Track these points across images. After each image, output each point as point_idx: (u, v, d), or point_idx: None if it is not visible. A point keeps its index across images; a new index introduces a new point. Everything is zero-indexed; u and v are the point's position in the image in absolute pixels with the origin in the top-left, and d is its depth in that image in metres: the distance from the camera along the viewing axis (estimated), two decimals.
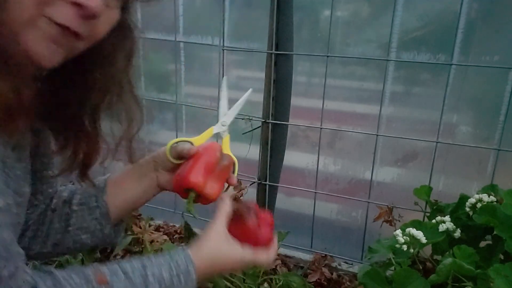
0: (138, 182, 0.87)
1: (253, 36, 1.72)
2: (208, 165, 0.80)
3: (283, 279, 1.39)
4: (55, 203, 0.87)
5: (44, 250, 0.85)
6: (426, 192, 1.30)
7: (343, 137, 1.72)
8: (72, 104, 0.72)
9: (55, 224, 0.85)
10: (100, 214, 0.85)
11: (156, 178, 0.87)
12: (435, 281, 0.98)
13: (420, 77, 1.59)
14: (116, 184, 0.88)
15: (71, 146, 0.75)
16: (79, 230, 0.85)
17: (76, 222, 0.85)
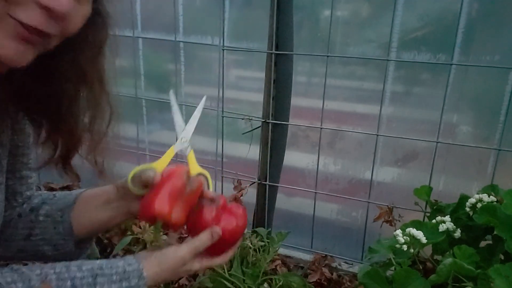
0: (105, 207, 0.86)
1: (253, 36, 1.72)
2: (173, 191, 0.77)
3: (283, 279, 1.39)
4: (23, 208, 0.86)
5: (8, 254, 0.85)
6: (426, 192, 1.30)
7: (343, 137, 1.72)
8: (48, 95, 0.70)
9: (19, 229, 0.84)
10: (63, 230, 0.84)
11: (125, 205, 0.85)
12: (435, 281, 0.98)
13: (420, 77, 1.59)
14: (85, 203, 0.86)
15: (51, 138, 0.74)
16: (42, 241, 0.84)
17: (39, 233, 0.84)
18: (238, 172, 1.75)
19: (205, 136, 1.96)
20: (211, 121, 1.91)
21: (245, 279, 1.39)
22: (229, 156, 1.84)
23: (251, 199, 1.73)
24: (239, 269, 1.42)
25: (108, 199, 0.85)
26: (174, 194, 0.77)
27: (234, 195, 1.67)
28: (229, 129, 1.76)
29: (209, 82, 1.90)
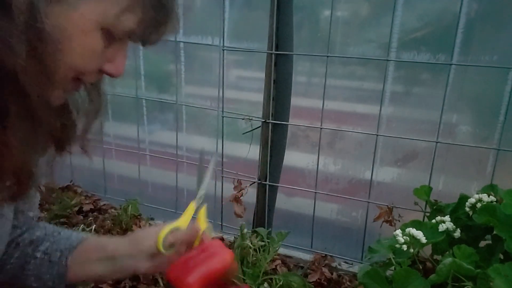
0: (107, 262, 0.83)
1: (253, 36, 1.72)
2: (211, 275, 0.76)
3: (283, 279, 1.39)
4: (23, 238, 0.85)
5: (1, 280, 0.84)
6: (426, 192, 1.30)
7: (343, 137, 1.72)
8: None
9: (13, 258, 0.83)
10: (57, 272, 0.83)
11: (132, 265, 0.83)
12: (435, 281, 0.98)
13: (420, 77, 1.59)
14: (88, 252, 0.84)
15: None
16: (32, 276, 0.83)
17: (32, 268, 0.83)
18: (238, 172, 1.75)
19: (205, 136, 1.97)
20: (211, 121, 1.92)
21: (245, 278, 1.40)
22: (229, 156, 1.84)
23: (251, 199, 1.74)
24: (239, 268, 1.42)
25: (114, 254, 0.83)
26: (210, 277, 0.76)
27: (234, 195, 1.67)
28: (229, 129, 1.77)
29: (209, 82, 1.90)
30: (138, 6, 0.59)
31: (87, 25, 0.56)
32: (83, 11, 0.55)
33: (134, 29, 0.60)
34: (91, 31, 0.57)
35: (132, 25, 0.59)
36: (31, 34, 0.51)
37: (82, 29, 0.56)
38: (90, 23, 0.56)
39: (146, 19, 0.60)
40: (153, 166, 2.08)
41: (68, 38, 0.55)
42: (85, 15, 0.55)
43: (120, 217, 1.76)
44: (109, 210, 1.97)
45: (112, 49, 0.61)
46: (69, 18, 0.54)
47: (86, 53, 0.58)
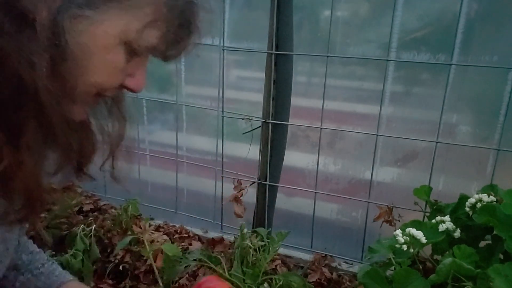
0: None
1: (253, 36, 1.72)
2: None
3: (283, 279, 1.39)
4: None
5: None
6: (426, 192, 1.31)
7: (343, 137, 1.72)
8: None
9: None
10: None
11: None
12: (435, 281, 0.98)
13: (420, 77, 1.59)
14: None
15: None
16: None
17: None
18: (238, 172, 1.75)
19: (205, 136, 1.97)
20: (211, 121, 1.92)
21: (245, 278, 1.40)
22: (229, 156, 1.84)
23: (251, 199, 1.74)
24: (239, 268, 1.42)
25: None
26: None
27: (234, 195, 1.67)
28: (229, 129, 1.77)
29: (209, 82, 1.90)
30: (162, 21, 0.58)
31: (109, 40, 0.55)
32: (106, 26, 0.54)
33: (156, 44, 0.59)
34: (114, 47, 0.56)
35: (155, 40, 0.59)
36: (54, 52, 0.51)
37: (104, 45, 0.55)
38: (113, 39, 0.56)
39: (169, 34, 0.60)
40: (153, 166, 2.08)
41: (90, 55, 0.54)
42: (108, 30, 0.55)
43: (120, 217, 1.76)
44: (109, 210, 1.97)
45: (133, 63, 0.61)
46: (92, 34, 0.53)
47: (108, 69, 0.58)
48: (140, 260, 1.65)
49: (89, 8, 0.52)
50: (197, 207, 1.97)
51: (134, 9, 0.56)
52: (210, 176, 1.87)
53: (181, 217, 1.97)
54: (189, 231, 1.88)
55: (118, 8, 0.54)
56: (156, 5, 0.57)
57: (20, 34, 0.50)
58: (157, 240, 1.61)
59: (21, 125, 0.54)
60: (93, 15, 0.53)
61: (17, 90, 0.52)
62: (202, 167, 1.91)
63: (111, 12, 0.54)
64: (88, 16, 0.52)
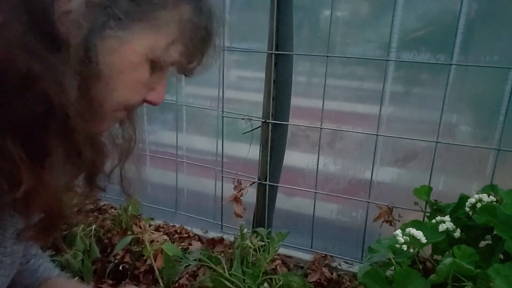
0: None
1: (253, 36, 1.72)
2: None
3: (283, 279, 1.39)
4: None
5: None
6: (426, 192, 1.31)
7: (343, 137, 1.72)
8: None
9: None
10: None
11: None
12: (435, 281, 0.98)
13: (420, 77, 1.59)
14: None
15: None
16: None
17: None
18: (238, 172, 1.75)
19: (205, 136, 1.97)
20: (211, 121, 1.92)
21: (245, 278, 1.40)
22: (229, 156, 1.84)
23: (251, 199, 1.74)
24: (239, 268, 1.42)
25: None
26: None
27: (234, 195, 1.67)
28: (229, 129, 1.77)
29: (209, 82, 1.90)
30: (186, 37, 0.60)
31: (137, 58, 0.56)
32: (135, 45, 0.55)
33: (179, 59, 0.61)
34: (140, 64, 0.57)
35: (178, 55, 0.60)
36: (84, 73, 0.52)
37: (132, 63, 0.56)
38: (140, 57, 0.57)
39: (191, 48, 0.61)
40: (153, 166, 2.08)
41: (118, 73, 0.55)
42: (136, 49, 0.56)
43: (120, 217, 1.76)
44: (109, 210, 1.97)
45: (155, 77, 0.62)
46: (121, 53, 0.55)
47: (134, 86, 0.59)
48: (140, 260, 1.65)
49: (119, 29, 0.53)
50: (197, 207, 1.97)
51: (161, 27, 0.57)
52: (210, 176, 1.87)
53: (181, 217, 1.97)
54: (189, 231, 1.88)
55: (146, 27, 0.56)
56: (182, 22, 0.59)
57: (52, 57, 0.50)
58: (157, 240, 1.61)
59: (47, 145, 0.54)
60: (123, 35, 0.54)
61: (46, 112, 0.52)
62: (202, 167, 1.91)
63: (140, 31, 0.55)
64: (118, 36, 0.53)
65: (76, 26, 0.50)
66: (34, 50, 0.49)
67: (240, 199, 1.66)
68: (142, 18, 0.55)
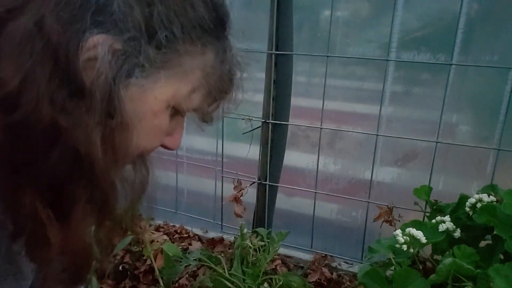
0: None
1: (253, 36, 1.72)
2: None
3: (283, 279, 1.39)
4: None
5: None
6: (426, 192, 1.30)
7: (343, 137, 1.72)
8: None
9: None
10: None
11: None
12: (435, 281, 0.98)
13: (420, 77, 1.59)
14: None
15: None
16: None
17: None
18: (238, 172, 1.75)
19: (206, 136, 1.96)
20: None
21: (245, 278, 1.40)
22: (229, 156, 1.84)
23: (251, 199, 1.73)
24: (239, 268, 1.42)
25: None
26: None
27: (234, 195, 1.67)
28: (229, 129, 1.76)
29: None
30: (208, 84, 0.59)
31: (159, 106, 0.56)
32: (157, 93, 0.54)
33: (199, 105, 0.60)
34: (161, 111, 0.57)
35: (199, 102, 0.60)
36: (108, 122, 0.51)
37: (153, 110, 0.55)
38: (162, 104, 0.56)
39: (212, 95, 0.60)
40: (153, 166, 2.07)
41: (140, 121, 0.54)
42: (158, 96, 0.55)
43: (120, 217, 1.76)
44: None
45: (174, 123, 0.61)
46: (143, 101, 0.54)
47: (153, 132, 0.58)
48: (140, 260, 1.65)
49: (143, 77, 0.52)
50: (197, 207, 1.97)
51: (184, 74, 0.56)
52: (210, 176, 1.86)
53: (181, 217, 1.96)
54: (189, 231, 1.88)
55: (169, 74, 0.55)
56: (204, 69, 0.58)
57: (77, 107, 0.49)
58: (157, 240, 1.61)
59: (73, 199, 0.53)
60: (146, 83, 0.53)
61: (72, 166, 0.51)
62: (202, 167, 1.91)
63: (162, 78, 0.54)
64: (141, 85, 0.53)
65: (100, 75, 0.49)
66: (59, 101, 0.48)
67: (240, 199, 1.66)
68: (166, 66, 0.54)
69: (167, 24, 0.52)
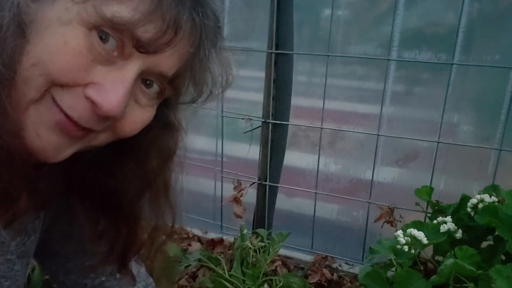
0: None
1: (253, 35, 1.71)
2: None
3: (283, 280, 1.39)
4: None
5: None
6: (427, 192, 1.30)
7: (344, 137, 1.71)
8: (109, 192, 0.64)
9: None
10: None
11: None
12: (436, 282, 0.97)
13: (421, 77, 1.58)
14: None
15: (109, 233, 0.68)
16: None
17: None
18: (238, 172, 1.75)
19: (205, 136, 1.96)
20: (211, 121, 1.91)
21: (245, 279, 1.39)
22: (229, 156, 1.83)
23: (251, 199, 1.73)
24: (239, 269, 1.41)
25: None
26: None
27: (234, 195, 1.66)
28: (229, 129, 1.76)
29: None
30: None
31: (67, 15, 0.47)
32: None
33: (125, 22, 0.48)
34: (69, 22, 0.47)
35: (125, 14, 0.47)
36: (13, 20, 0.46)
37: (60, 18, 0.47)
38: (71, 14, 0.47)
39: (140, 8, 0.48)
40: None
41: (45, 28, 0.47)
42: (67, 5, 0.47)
43: None
44: None
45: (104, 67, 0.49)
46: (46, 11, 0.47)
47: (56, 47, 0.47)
48: None
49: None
50: (197, 208, 1.96)
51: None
52: (209, 176, 1.86)
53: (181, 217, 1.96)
54: (188, 231, 1.87)
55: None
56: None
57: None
58: None
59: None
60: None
61: None
62: (202, 167, 1.90)
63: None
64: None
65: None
66: None
67: (240, 200, 1.66)
68: None
69: None
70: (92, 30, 0.48)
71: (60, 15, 0.47)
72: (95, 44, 0.48)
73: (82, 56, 0.47)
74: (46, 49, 0.47)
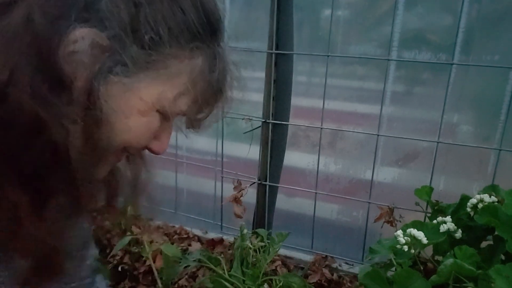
0: None
1: (253, 35, 1.71)
2: None
3: (283, 280, 1.39)
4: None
5: None
6: (427, 192, 1.30)
7: (344, 137, 1.71)
8: None
9: None
10: None
11: None
12: (436, 281, 0.97)
13: (421, 77, 1.59)
14: None
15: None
16: None
17: None
18: (238, 172, 1.75)
19: (205, 136, 1.96)
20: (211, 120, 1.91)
21: (245, 279, 1.39)
22: (229, 156, 1.83)
23: (251, 199, 1.73)
24: (239, 269, 1.41)
25: None
26: None
27: (234, 195, 1.66)
28: (229, 129, 1.76)
29: None
30: (196, 90, 0.60)
31: (145, 107, 0.56)
32: (141, 93, 0.55)
33: (186, 111, 0.62)
34: (148, 112, 0.57)
35: (186, 107, 0.61)
36: (88, 116, 0.51)
37: (139, 110, 0.56)
38: (148, 105, 0.56)
39: (200, 101, 0.61)
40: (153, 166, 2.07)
41: (124, 118, 0.55)
42: (143, 97, 0.55)
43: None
44: None
45: (161, 127, 0.62)
46: (127, 99, 0.54)
47: (139, 132, 0.59)
48: (139, 261, 1.65)
49: (124, 75, 0.53)
50: (197, 208, 1.96)
51: (169, 77, 0.56)
52: (210, 176, 1.86)
53: (181, 217, 1.96)
54: (188, 231, 1.87)
55: (153, 76, 0.55)
56: (192, 74, 0.58)
57: (57, 100, 0.49)
58: (156, 241, 1.61)
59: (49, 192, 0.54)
60: (128, 82, 0.53)
61: (51, 158, 0.51)
62: (202, 167, 1.90)
63: (147, 80, 0.54)
64: (123, 83, 0.53)
65: (82, 69, 0.50)
66: (41, 93, 0.48)
67: (240, 200, 1.66)
68: (150, 67, 0.54)
69: (153, 26, 0.52)
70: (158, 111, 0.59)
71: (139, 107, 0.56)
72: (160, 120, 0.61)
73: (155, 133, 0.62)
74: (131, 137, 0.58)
